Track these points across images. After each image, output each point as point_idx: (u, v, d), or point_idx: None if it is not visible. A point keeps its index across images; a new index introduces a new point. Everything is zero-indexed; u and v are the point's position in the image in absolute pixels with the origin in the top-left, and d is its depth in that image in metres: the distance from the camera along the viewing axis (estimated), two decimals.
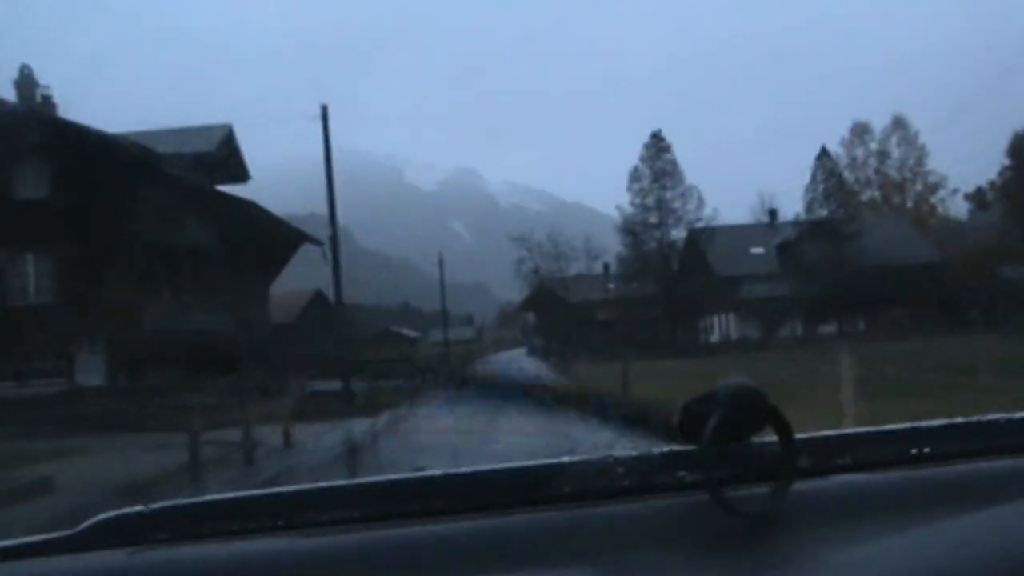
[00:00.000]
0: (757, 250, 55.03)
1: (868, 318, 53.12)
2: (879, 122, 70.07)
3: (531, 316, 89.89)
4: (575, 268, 68.00)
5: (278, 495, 1.39)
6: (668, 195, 55.42)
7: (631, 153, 74.66)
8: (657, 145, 55.77)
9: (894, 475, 1.35)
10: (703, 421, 1.23)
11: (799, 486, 1.26)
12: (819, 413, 8.51)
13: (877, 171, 69.38)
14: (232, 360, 22.81)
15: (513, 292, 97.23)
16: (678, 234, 56.42)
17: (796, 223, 55.25)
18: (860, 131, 69.11)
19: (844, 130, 71.01)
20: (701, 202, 56.18)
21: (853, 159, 68.28)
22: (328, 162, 28.49)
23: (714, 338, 54.95)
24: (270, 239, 27.35)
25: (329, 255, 30.17)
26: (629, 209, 56.75)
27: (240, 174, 28.79)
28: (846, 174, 62.36)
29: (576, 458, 1.39)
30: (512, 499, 1.32)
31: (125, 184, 20.94)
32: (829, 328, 51.72)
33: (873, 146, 69.04)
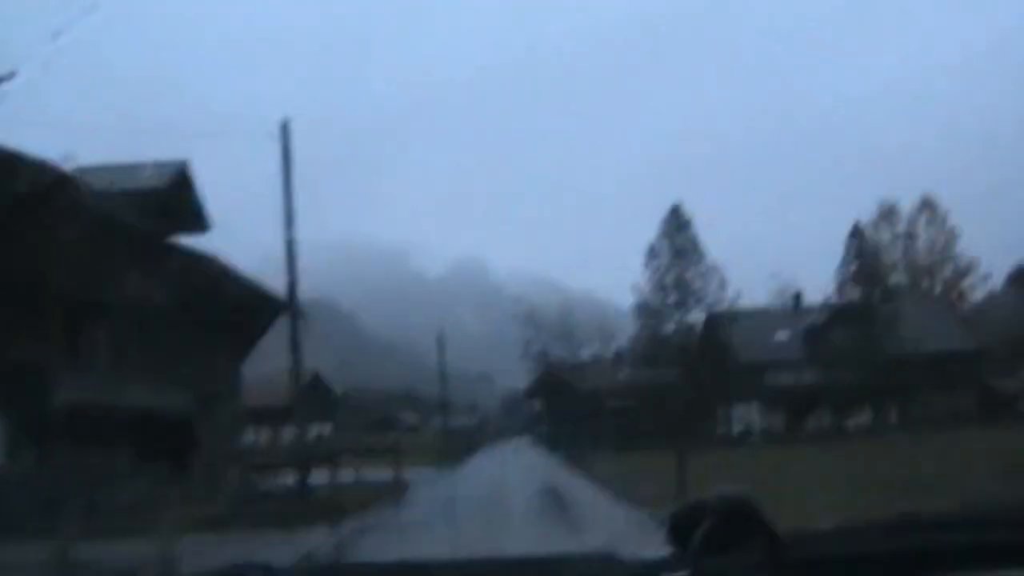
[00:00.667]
0: (782, 335, 51.28)
1: (901, 408, 49.16)
2: (906, 201, 66.98)
3: (536, 403, 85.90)
4: (587, 351, 64.23)
5: None
6: (688, 274, 51.75)
7: (642, 239, 71.82)
8: (676, 220, 52.30)
9: None
10: (693, 528, 1.24)
11: None
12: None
13: (904, 253, 65.95)
14: (180, 446, 19.06)
15: (518, 380, 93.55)
16: (697, 316, 52.77)
17: (826, 306, 51.47)
18: (887, 212, 65.92)
19: (869, 210, 67.85)
20: (723, 283, 52.52)
21: (879, 242, 64.92)
22: (287, 187, 22.50)
23: (736, 429, 50.78)
24: (240, 304, 23.50)
25: (306, 325, 26.58)
26: (646, 289, 53.08)
27: (196, 221, 23.93)
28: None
29: (568, 555, 1.41)
30: None
31: (38, 217, 16.83)
32: (860, 419, 47.62)
33: (901, 228, 65.79)
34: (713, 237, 54.89)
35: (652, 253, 52.37)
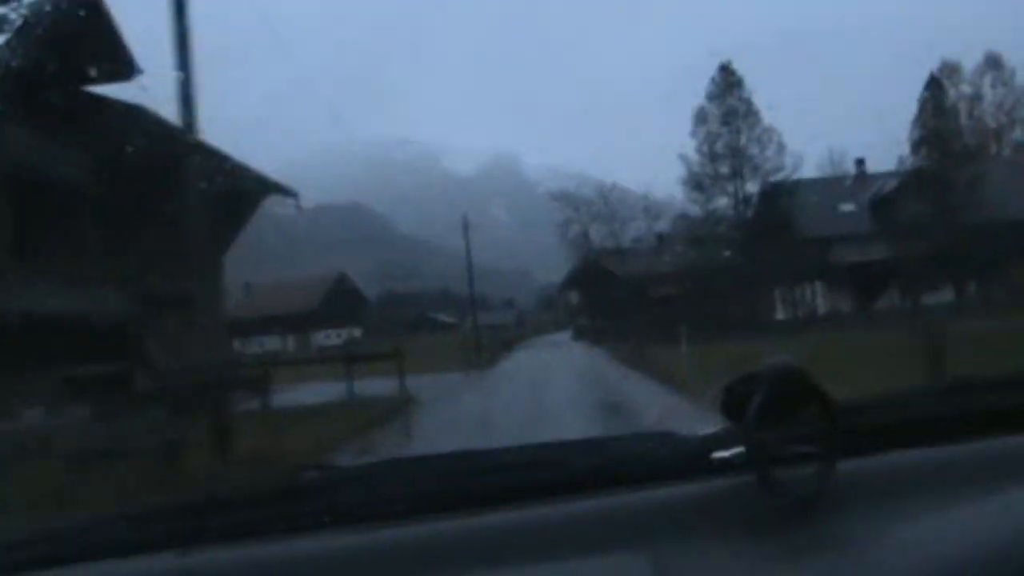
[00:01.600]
0: (847, 207, 45.67)
1: (982, 283, 43.91)
2: (969, 62, 60.75)
3: (575, 295, 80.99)
4: (633, 230, 56.07)
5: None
6: (741, 140, 45.67)
7: (680, 131, 64.87)
8: (726, 79, 45.89)
9: (941, 450, 1.33)
10: (746, 401, 1.22)
11: (845, 465, 1.25)
12: None
13: (969, 116, 59.95)
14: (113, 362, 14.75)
15: (557, 275, 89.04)
16: (753, 188, 46.67)
17: (895, 172, 45.65)
18: (948, 72, 59.55)
19: (922, 73, 62.05)
20: (781, 148, 46.21)
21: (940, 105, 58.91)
22: None
23: (798, 312, 45.78)
24: (198, 177, 18.62)
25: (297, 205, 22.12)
26: (694, 158, 46.75)
27: (115, 63, 17.12)
28: (928, 123, 52.69)
29: (620, 435, 1.43)
30: (555, 481, 1.29)
31: None
32: (938, 297, 42.41)
33: (964, 89, 59.56)
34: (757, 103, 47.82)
35: (700, 117, 46.18)
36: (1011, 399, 1.43)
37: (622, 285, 53.52)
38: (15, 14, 15.16)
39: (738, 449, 1.26)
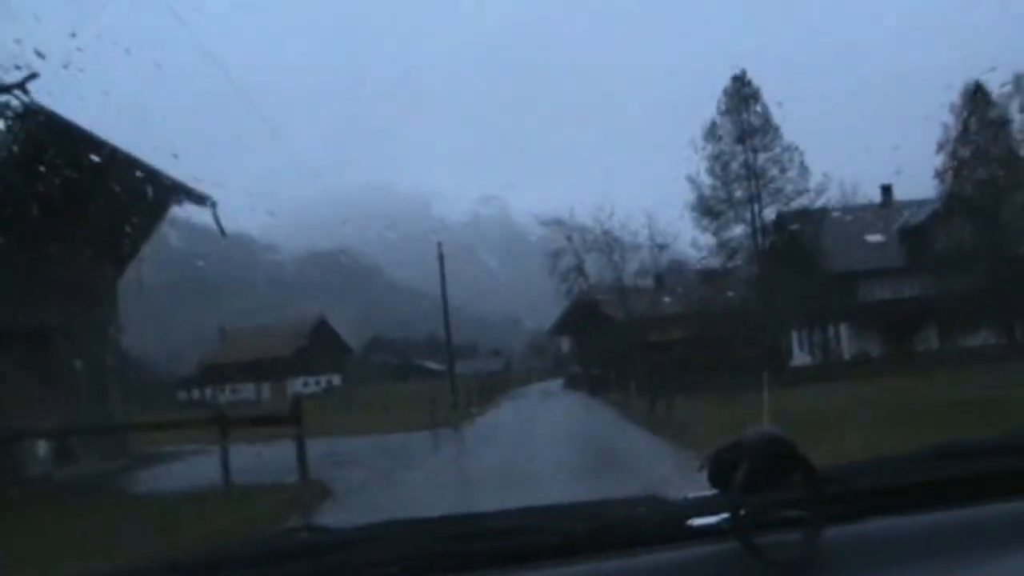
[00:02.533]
0: (875, 237, 40.65)
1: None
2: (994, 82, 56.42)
3: (565, 341, 75.57)
4: (635, 261, 46.81)
5: None
6: (759, 160, 40.44)
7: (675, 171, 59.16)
8: (741, 91, 40.77)
9: (928, 517, 1.33)
10: (732, 469, 1.24)
11: (831, 532, 1.26)
12: None
13: (996, 140, 55.52)
14: None
15: (547, 321, 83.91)
16: (773, 214, 41.05)
17: (929, 200, 40.48)
18: (972, 94, 55.21)
19: (946, 95, 57.58)
20: (805, 170, 40.88)
21: (966, 129, 54.37)
22: None
23: (818, 358, 40.50)
24: (89, 176, 13.49)
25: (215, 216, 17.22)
26: (705, 181, 41.06)
27: None
28: (960, 148, 47.86)
29: (609, 499, 1.42)
30: (544, 546, 1.29)
31: None
32: (980, 338, 37.37)
33: (992, 112, 55.16)
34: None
35: (712, 133, 40.76)
36: (998, 465, 1.42)
37: (618, 329, 47.59)
38: None
39: (723, 515, 1.26)
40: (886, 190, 44.43)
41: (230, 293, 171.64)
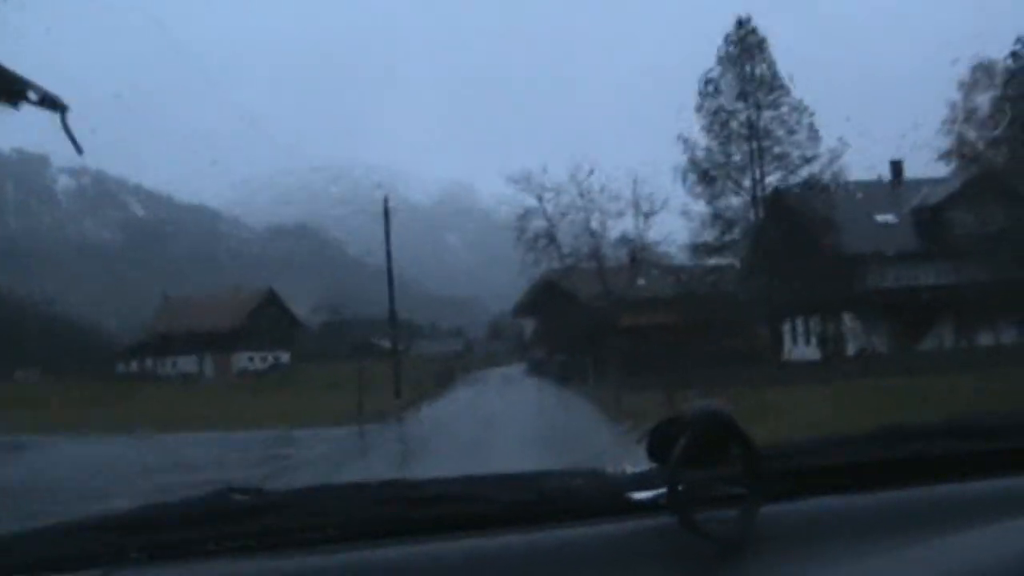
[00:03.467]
0: (885, 218, 35.93)
1: None
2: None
3: (528, 323, 70.69)
4: (620, 227, 40.45)
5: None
6: (764, 118, 35.39)
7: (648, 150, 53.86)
8: (745, 38, 35.46)
9: (864, 497, 1.34)
10: (672, 443, 1.23)
11: (768, 509, 1.26)
12: None
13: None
14: None
15: (510, 302, 79.19)
16: (777, 180, 36.12)
17: (947, 179, 35.80)
18: (984, 71, 51.13)
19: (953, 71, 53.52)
20: (815, 133, 35.89)
21: (974, 109, 50.23)
22: None
23: (814, 352, 35.92)
24: None
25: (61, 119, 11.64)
26: (700, 141, 36.14)
27: None
28: (968, 128, 43.28)
29: (550, 471, 1.42)
30: (483, 514, 1.30)
31: None
32: (999, 334, 32.98)
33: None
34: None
35: (709, 88, 35.55)
36: (940, 447, 1.44)
37: (587, 311, 42.12)
38: None
39: (661, 490, 1.25)
40: (896, 165, 39.72)
41: (191, 266, 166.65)
